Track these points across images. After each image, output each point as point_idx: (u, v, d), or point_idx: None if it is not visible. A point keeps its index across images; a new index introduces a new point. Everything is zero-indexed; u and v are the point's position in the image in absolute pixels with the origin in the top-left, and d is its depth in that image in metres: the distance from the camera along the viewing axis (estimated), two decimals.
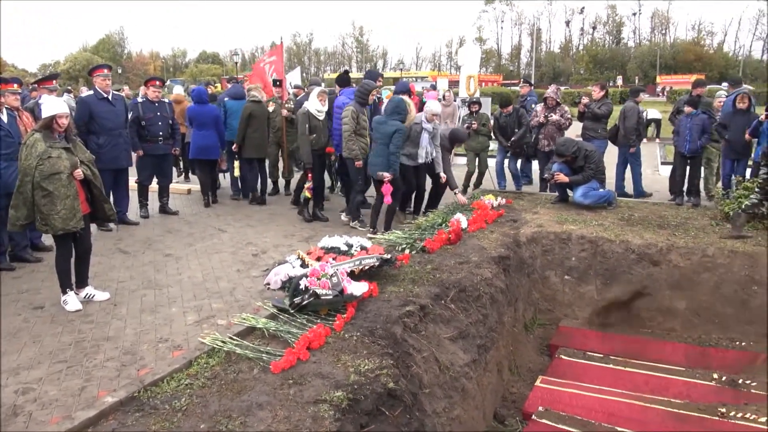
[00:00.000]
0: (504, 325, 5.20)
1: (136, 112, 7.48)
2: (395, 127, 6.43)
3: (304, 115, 7.11)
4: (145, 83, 7.93)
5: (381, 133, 6.51)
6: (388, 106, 6.70)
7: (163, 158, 7.76)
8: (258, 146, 8.44)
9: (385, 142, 6.44)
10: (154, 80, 7.83)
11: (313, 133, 7.12)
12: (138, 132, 7.44)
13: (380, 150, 6.53)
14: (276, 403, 2.88)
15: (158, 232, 6.93)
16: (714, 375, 4.70)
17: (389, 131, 6.44)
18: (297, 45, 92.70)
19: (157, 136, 7.53)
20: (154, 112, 7.53)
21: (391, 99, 6.85)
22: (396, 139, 6.43)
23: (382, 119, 6.58)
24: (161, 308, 4.53)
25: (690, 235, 5.99)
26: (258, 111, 8.34)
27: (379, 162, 6.54)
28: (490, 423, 4.61)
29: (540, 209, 7.22)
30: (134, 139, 7.40)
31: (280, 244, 6.43)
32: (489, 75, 67.93)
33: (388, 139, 6.42)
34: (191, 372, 3.22)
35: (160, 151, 7.65)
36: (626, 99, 9.74)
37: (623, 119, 8.58)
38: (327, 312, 3.93)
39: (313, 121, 7.10)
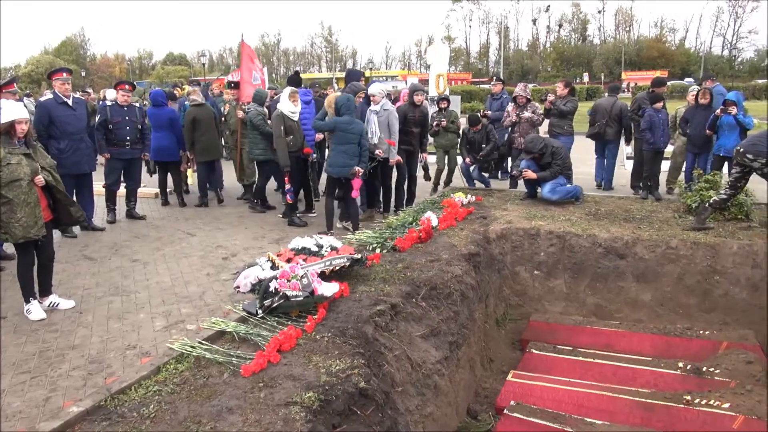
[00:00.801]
0: (475, 322, 5.25)
1: (104, 115, 7.37)
2: (362, 124, 6.61)
3: (278, 117, 7.02)
4: (115, 87, 7.82)
5: (353, 132, 6.44)
6: (345, 104, 6.58)
7: (130, 162, 7.64)
8: (207, 149, 8.49)
9: (357, 141, 6.44)
10: (124, 84, 7.72)
11: (289, 134, 7.04)
12: (106, 136, 7.33)
13: (350, 149, 6.48)
14: (246, 406, 2.86)
15: (125, 238, 6.81)
16: (679, 364, 4.82)
17: (360, 129, 6.49)
18: (265, 45, 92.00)
19: (125, 141, 7.41)
20: (123, 116, 7.42)
21: (347, 96, 6.74)
22: (366, 134, 6.57)
23: (348, 119, 6.51)
24: (129, 315, 4.45)
25: (654, 228, 6.13)
26: (201, 114, 8.40)
27: (353, 163, 6.46)
28: (463, 419, 4.65)
29: (509, 206, 7.30)
30: (101, 143, 7.33)
31: (250, 246, 6.37)
32: (458, 73, 68.48)
33: (359, 137, 6.44)
34: (160, 378, 3.17)
35: (128, 156, 7.53)
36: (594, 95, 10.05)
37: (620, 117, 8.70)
38: (298, 313, 3.91)
39: (287, 122, 7.02)
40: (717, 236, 5.79)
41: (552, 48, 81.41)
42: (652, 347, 5.27)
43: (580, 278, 6.01)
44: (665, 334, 5.37)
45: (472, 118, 8.52)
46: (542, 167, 7.26)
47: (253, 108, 7.87)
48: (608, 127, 8.73)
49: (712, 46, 75.00)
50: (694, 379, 4.61)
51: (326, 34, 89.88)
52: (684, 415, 4.09)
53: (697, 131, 7.74)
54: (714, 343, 5.15)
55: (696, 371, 4.69)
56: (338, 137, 6.50)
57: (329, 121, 6.69)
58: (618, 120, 8.70)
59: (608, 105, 8.81)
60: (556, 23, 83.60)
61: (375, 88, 7.37)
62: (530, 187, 7.60)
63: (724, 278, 5.54)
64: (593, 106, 9.12)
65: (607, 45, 76.49)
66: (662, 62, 66.59)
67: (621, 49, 69.96)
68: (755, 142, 5.76)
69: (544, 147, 7.19)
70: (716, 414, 4.01)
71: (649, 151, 7.83)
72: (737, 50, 73.57)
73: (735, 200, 6.31)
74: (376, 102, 7.18)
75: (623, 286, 5.86)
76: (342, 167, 6.52)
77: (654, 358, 5.05)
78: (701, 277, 5.61)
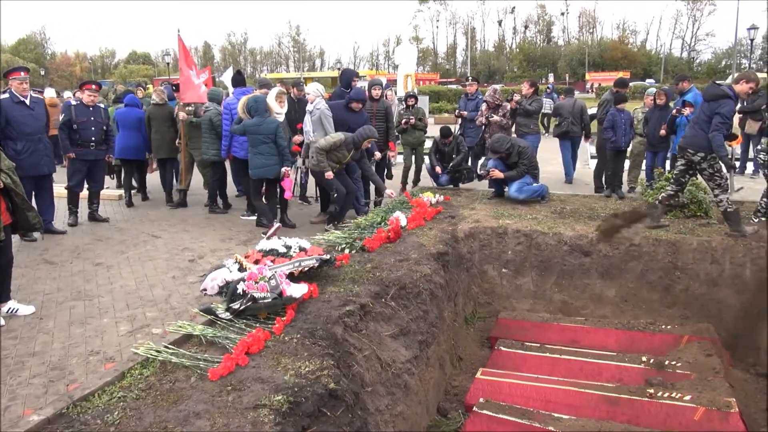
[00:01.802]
0: (444, 320, 5.28)
1: (69, 115, 7.21)
2: (275, 123, 6.74)
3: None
4: (81, 87, 7.65)
5: (263, 133, 6.64)
6: (253, 106, 6.74)
7: (95, 164, 7.47)
8: (160, 147, 8.55)
9: (270, 140, 6.64)
10: (90, 84, 7.59)
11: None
12: (69, 136, 7.17)
13: (267, 149, 6.66)
14: (214, 410, 2.82)
15: (87, 241, 6.64)
16: (643, 358, 4.93)
17: (272, 128, 6.67)
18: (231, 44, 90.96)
19: (90, 141, 7.26)
20: (88, 117, 7.27)
21: (255, 98, 6.91)
22: (281, 132, 6.76)
23: (258, 120, 6.67)
24: (91, 320, 4.34)
25: None
26: (156, 113, 8.52)
27: (272, 162, 6.70)
28: (433, 417, 4.67)
29: (477, 205, 7.37)
30: (65, 143, 7.18)
31: (217, 248, 6.29)
32: (426, 74, 68.78)
33: (273, 136, 6.65)
34: (124, 384, 3.11)
35: (92, 157, 7.37)
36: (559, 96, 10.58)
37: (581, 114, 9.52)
38: (266, 315, 3.87)
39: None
40: (677, 233, 5.95)
41: (518, 49, 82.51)
42: (617, 342, 5.39)
43: (547, 276, 6.10)
44: (629, 329, 5.50)
45: (443, 130, 8.57)
46: (509, 167, 7.35)
47: (213, 107, 7.83)
48: (573, 125, 9.42)
49: (671, 48, 77.15)
50: (657, 372, 4.72)
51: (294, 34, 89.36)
52: (647, 408, 4.19)
53: (654, 130, 8.01)
54: (675, 337, 5.29)
55: (659, 365, 4.81)
56: (251, 140, 6.73)
57: (240, 125, 6.86)
58: (580, 117, 9.44)
59: (570, 105, 9.56)
60: (521, 25, 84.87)
61: (310, 87, 7.55)
62: (497, 186, 7.69)
63: (684, 274, 5.70)
64: (556, 107, 9.76)
65: (572, 46, 77.93)
66: (625, 63, 68.13)
67: (585, 51, 71.35)
68: (691, 134, 5.87)
69: (511, 147, 7.28)
70: (678, 406, 4.12)
71: (611, 150, 8.07)
72: (696, 52, 75.88)
73: (694, 198, 6.49)
74: (311, 101, 7.36)
75: (588, 282, 5.98)
76: (259, 168, 6.73)
77: (618, 352, 5.16)
78: (663, 273, 5.76)
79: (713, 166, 5.77)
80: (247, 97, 7.11)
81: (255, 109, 6.70)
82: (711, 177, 5.83)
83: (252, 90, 8.32)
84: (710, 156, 5.72)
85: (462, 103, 9.65)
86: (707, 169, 5.80)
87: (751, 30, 35.05)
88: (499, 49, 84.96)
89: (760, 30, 39.76)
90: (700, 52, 75.96)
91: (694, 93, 7.99)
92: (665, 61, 68.16)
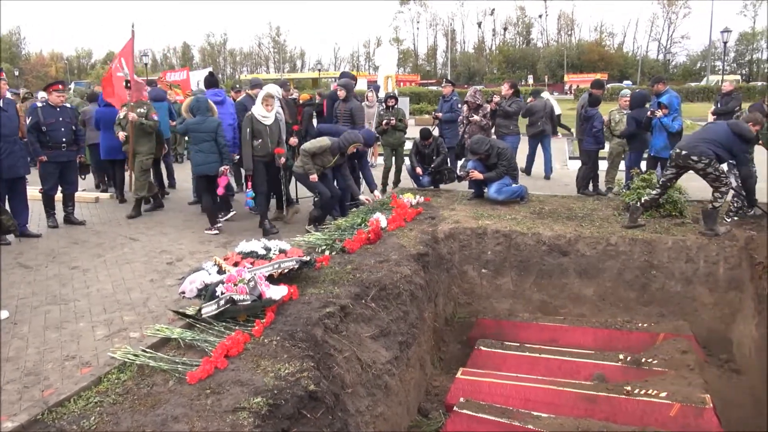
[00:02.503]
0: (425, 321, 5.30)
1: (36, 117, 7.05)
2: (216, 122, 7.10)
3: (247, 119, 6.89)
4: (46, 88, 7.50)
5: (204, 131, 6.97)
6: (195, 106, 7.11)
7: (67, 166, 7.37)
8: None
9: (211, 138, 6.96)
10: (57, 84, 7.44)
11: (258, 138, 6.85)
12: (39, 138, 7.03)
13: (208, 147, 6.97)
14: (193, 414, 2.80)
15: (63, 244, 6.55)
16: (620, 356, 5.00)
17: (212, 127, 7.00)
18: (211, 45, 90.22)
19: (61, 143, 7.15)
20: (56, 118, 7.14)
21: (196, 98, 7.25)
22: (221, 131, 7.08)
23: (200, 119, 7.01)
24: (67, 324, 4.28)
25: (595, 226, 6.34)
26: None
27: (212, 159, 7.00)
28: (414, 417, 4.69)
29: (457, 206, 7.41)
30: (35, 146, 7.03)
31: (196, 250, 6.24)
32: (407, 75, 68.93)
33: (213, 134, 6.97)
34: (101, 389, 3.06)
35: (64, 158, 7.27)
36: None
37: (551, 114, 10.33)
38: (246, 318, 3.85)
39: (256, 125, 6.85)
40: (653, 232, 6.04)
41: (497, 50, 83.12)
42: (595, 341, 5.46)
43: (526, 276, 6.16)
44: (607, 328, 5.57)
45: (423, 132, 8.62)
46: (488, 168, 7.41)
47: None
48: (546, 125, 10.08)
49: (648, 51, 78.43)
50: (634, 370, 4.79)
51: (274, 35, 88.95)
52: (625, 405, 4.25)
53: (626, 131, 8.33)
54: (652, 335, 5.37)
55: (635, 362, 4.88)
56: (193, 138, 7.06)
57: (182, 124, 7.18)
58: (550, 117, 10.34)
59: (541, 106, 10.12)
60: (501, 26, 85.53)
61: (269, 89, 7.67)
62: (477, 187, 7.74)
63: (660, 272, 5.79)
64: (529, 108, 10.10)
65: (550, 48, 78.74)
66: (602, 65, 69.02)
67: (563, 53, 72.14)
68: (695, 143, 5.96)
69: (490, 148, 7.34)
70: (654, 403, 4.18)
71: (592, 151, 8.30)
72: (671, 54, 77.19)
73: (669, 198, 6.60)
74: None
75: (567, 282, 6.04)
76: (201, 165, 7.05)
77: (596, 351, 5.23)
78: (639, 271, 5.84)
79: (717, 169, 5.88)
80: (191, 97, 7.45)
81: (197, 108, 7.06)
82: (717, 178, 5.90)
83: (223, 92, 8.29)
84: (713, 161, 5.83)
85: (439, 105, 9.78)
86: (713, 172, 5.88)
87: (724, 33, 35.79)
88: (479, 51, 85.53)
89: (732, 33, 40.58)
90: (675, 55, 77.40)
91: (670, 95, 8.13)
92: (642, 63, 69.21)
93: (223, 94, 8.12)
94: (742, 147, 5.86)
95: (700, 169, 5.93)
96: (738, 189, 6.43)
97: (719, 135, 5.90)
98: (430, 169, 8.55)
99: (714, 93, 27.10)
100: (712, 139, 5.89)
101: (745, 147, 5.90)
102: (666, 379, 4.51)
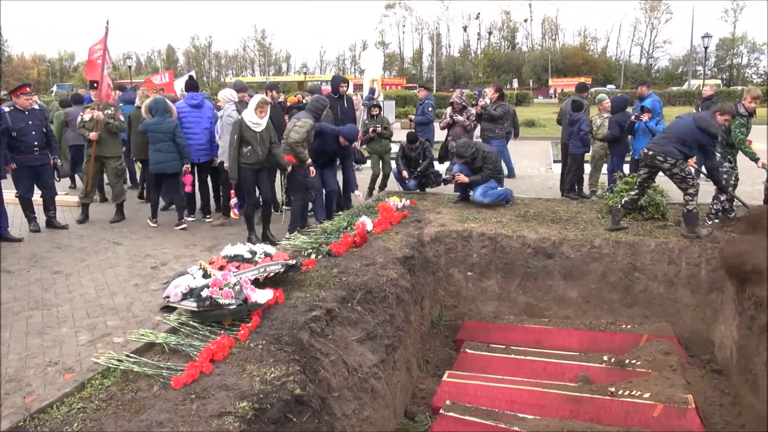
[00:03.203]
0: (411, 324, 5.31)
1: (4, 123, 6.79)
2: (174, 123, 7.33)
3: (236, 125, 6.54)
4: (12, 93, 7.26)
5: (162, 131, 7.26)
6: (154, 107, 7.35)
7: (41, 169, 7.18)
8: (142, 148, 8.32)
9: (169, 138, 7.23)
10: (24, 87, 7.16)
11: (247, 144, 6.46)
12: (9, 144, 6.83)
13: (165, 146, 7.25)
14: (178, 419, 2.77)
15: (45, 248, 6.46)
16: (604, 357, 5.05)
17: (170, 127, 7.26)
18: (195, 48, 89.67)
19: (33, 146, 6.97)
20: (26, 122, 6.94)
21: (155, 99, 7.50)
22: (179, 132, 7.33)
23: (158, 120, 7.27)
24: (50, 329, 4.23)
25: (579, 228, 6.40)
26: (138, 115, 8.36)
27: (170, 158, 7.27)
28: (400, 420, 4.69)
29: (442, 209, 7.44)
30: (4, 152, 6.79)
31: (181, 254, 6.20)
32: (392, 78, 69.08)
33: (171, 134, 7.24)
34: (84, 395, 3.03)
35: (37, 162, 7.07)
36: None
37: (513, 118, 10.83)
38: (231, 322, 3.84)
39: (246, 132, 6.44)
40: (636, 235, 6.11)
41: (482, 54, 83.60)
42: (579, 342, 5.50)
43: (511, 278, 6.20)
44: (591, 330, 5.63)
45: (410, 136, 8.69)
46: (474, 171, 7.45)
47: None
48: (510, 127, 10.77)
49: (631, 55, 79.34)
50: (618, 371, 4.84)
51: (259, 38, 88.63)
52: (609, 406, 4.29)
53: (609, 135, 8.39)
54: (635, 336, 5.43)
55: (619, 364, 4.93)
56: (152, 137, 7.29)
57: (142, 125, 7.45)
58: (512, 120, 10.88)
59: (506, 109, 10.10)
60: (486, 31, 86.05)
61: (221, 93, 7.95)
62: (462, 190, 7.77)
63: (643, 274, 5.86)
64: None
65: (535, 52, 79.39)
66: (586, 69, 69.71)
67: (548, 57, 72.76)
68: (662, 143, 6.02)
69: (476, 152, 7.38)
70: (638, 404, 4.23)
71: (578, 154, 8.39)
72: (654, 59, 78.19)
73: (652, 200, 6.68)
74: (222, 107, 7.73)
75: (552, 284, 6.09)
76: (159, 164, 7.31)
77: (581, 352, 5.27)
78: (623, 274, 5.91)
79: (684, 170, 5.94)
80: (151, 98, 7.59)
81: (156, 109, 7.31)
82: (683, 179, 5.95)
83: (201, 95, 8.25)
84: (679, 162, 5.89)
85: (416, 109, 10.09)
86: (679, 173, 5.93)
87: (705, 38, 36.34)
88: (465, 55, 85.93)
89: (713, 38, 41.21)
90: (657, 59, 78.39)
91: (653, 98, 8.24)
92: (625, 67, 70.03)
93: (201, 98, 8.04)
94: (706, 139, 5.88)
95: (666, 170, 5.99)
96: (717, 192, 6.52)
97: (684, 131, 5.94)
98: (416, 173, 8.58)
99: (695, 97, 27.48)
100: (677, 137, 5.94)
101: (709, 140, 5.92)
102: (649, 380, 4.56)
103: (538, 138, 18.83)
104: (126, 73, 54.47)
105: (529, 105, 41.37)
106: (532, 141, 17.81)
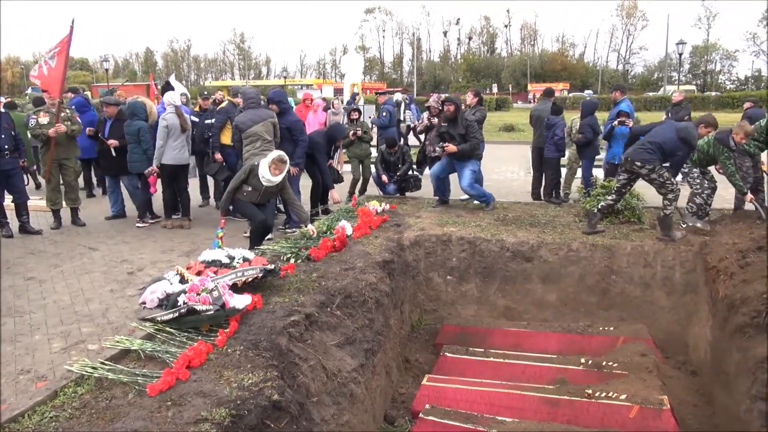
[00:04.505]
0: (391, 328, 5.31)
1: None
2: (138, 126, 7.63)
3: (246, 169, 6.00)
4: None
5: (129, 134, 7.64)
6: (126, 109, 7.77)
7: (10, 174, 7.06)
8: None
9: (134, 140, 7.60)
10: None
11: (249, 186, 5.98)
12: None
13: (131, 148, 7.65)
14: (153, 427, 2.74)
15: (18, 254, 6.34)
16: (582, 360, 5.10)
17: (134, 130, 7.61)
18: (174, 51, 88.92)
19: (3, 150, 6.86)
20: None
21: (129, 103, 7.89)
22: (144, 135, 7.63)
23: (128, 123, 7.67)
24: (22, 337, 4.15)
25: (557, 232, 6.47)
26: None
27: (134, 159, 7.65)
28: (380, 425, 4.68)
29: (422, 213, 7.46)
30: None
31: (158, 260, 6.13)
32: (373, 83, 69.20)
33: (136, 137, 7.59)
34: (57, 403, 2.98)
35: (8, 166, 6.98)
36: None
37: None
38: (209, 327, 3.80)
39: (254, 181, 5.94)
40: (612, 238, 6.20)
41: (462, 59, 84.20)
42: (558, 345, 5.55)
43: (490, 282, 6.23)
44: (569, 332, 5.67)
45: (389, 140, 8.75)
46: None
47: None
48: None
49: (608, 61, 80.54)
50: (595, 373, 4.89)
51: (238, 41, 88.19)
52: (586, 408, 4.33)
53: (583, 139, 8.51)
54: (612, 338, 5.49)
55: (597, 366, 4.98)
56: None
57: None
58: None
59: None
60: (466, 36, 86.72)
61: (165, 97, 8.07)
62: (442, 194, 7.80)
63: (619, 277, 5.93)
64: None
65: (514, 58, 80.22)
66: (564, 75, 70.69)
67: (527, 62, 73.53)
68: (641, 149, 6.13)
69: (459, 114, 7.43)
70: (614, 405, 4.27)
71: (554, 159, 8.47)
72: (630, 65, 79.49)
73: (628, 204, 6.78)
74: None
75: (530, 287, 6.14)
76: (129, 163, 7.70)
77: (559, 355, 5.32)
78: (600, 276, 5.98)
79: (662, 175, 6.03)
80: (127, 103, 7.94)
81: (129, 113, 7.71)
82: (662, 185, 6.05)
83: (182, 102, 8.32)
84: (657, 167, 5.98)
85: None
86: (657, 179, 6.03)
87: (679, 45, 37.02)
88: (445, 60, 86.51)
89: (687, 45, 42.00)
90: (634, 65, 79.75)
91: (627, 103, 8.39)
92: (602, 73, 71.02)
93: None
94: (684, 151, 6.04)
95: (644, 175, 6.09)
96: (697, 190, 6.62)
97: (665, 139, 6.05)
98: (395, 177, 8.60)
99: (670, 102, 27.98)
100: (657, 144, 6.04)
101: (686, 152, 6.09)
102: (626, 381, 4.61)
103: (517, 142, 19.00)
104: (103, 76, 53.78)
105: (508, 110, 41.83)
106: (512, 145, 17.97)
